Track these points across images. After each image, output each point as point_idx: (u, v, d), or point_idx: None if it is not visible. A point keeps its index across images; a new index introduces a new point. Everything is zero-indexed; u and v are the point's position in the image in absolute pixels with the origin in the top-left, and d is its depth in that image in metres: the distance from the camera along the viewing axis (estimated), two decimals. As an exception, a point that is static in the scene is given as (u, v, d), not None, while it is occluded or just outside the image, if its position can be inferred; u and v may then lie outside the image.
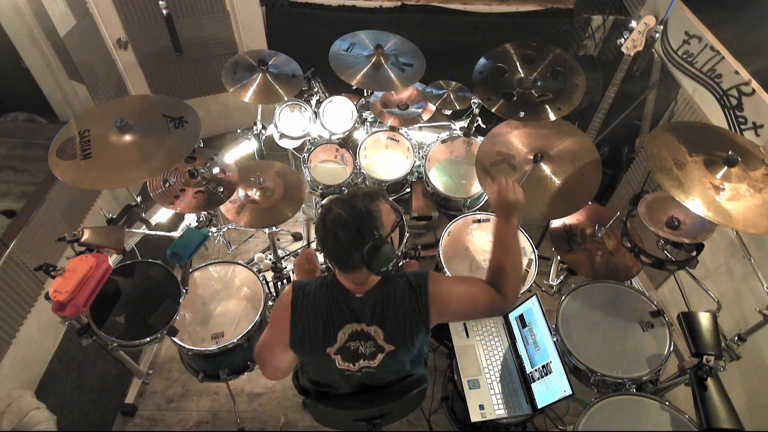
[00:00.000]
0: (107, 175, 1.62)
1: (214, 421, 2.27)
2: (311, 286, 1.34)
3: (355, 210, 1.21)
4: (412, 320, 1.33)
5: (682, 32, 2.33)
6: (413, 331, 1.34)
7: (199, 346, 1.86)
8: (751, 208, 1.48)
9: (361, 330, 1.33)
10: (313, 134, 2.56)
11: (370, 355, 1.36)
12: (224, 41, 2.99)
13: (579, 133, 2.05)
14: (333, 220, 1.22)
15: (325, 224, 1.23)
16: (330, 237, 1.22)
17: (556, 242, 2.09)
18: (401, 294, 1.33)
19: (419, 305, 1.32)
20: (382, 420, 1.56)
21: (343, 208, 1.22)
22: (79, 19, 2.44)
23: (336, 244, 1.22)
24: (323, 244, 1.26)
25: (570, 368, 1.79)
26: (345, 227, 1.20)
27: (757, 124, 1.96)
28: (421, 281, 1.34)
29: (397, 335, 1.34)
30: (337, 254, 1.25)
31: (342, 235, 1.20)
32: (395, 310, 1.32)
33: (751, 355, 1.78)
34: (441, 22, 3.02)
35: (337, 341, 1.33)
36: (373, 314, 1.32)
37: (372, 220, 1.22)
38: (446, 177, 2.55)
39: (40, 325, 2.29)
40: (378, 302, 1.32)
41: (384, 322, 1.32)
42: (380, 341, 1.34)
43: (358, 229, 1.20)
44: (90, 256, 1.61)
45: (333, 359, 1.36)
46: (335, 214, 1.22)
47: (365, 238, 1.20)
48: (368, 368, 1.39)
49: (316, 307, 1.32)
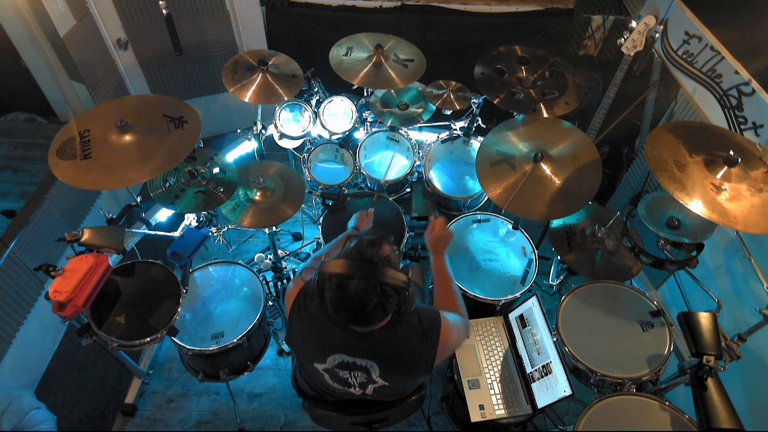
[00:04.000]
0: (107, 175, 1.61)
1: (214, 421, 2.27)
2: (312, 303, 1.27)
3: (370, 270, 1.11)
4: (416, 365, 1.28)
5: (682, 32, 2.33)
6: (415, 375, 1.31)
7: (199, 346, 1.86)
8: (751, 207, 1.48)
9: (353, 362, 1.27)
10: (313, 134, 2.57)
11: (361, 385, 1.33)
12: (224, 41, 2.99)
13: (579, 133, 2.05)
14: (357, 293, 1.11)
15: (346, 296, 1.12)
16: (353, 305, 1.13)
17: (556, 242, 2.09)
18: (410, 338, 1.26)
19: (427, 352, 1.27)
20: (380, 424, 1.57)
21: (362, 276, 1.11)
22: (79, 19, 2.44)
23: (360, 314, 1.14)
24: (344, 314, 1.16)
25: (570, 368, 1.79)
26: (369, 295, 1.11)
27: (757, 124, 1.96)
28: (435, 326, 1.29)
29: (396, 378, 1.30)
30: (356, 322, 1.18)
31: (368, 302, 1.12)
32: (400, 352, 1.26)
33: (751, 355, 1.78)
34: (441, 22, 3.02)
35: (326, 363, 1.30)
36: (372, 352, 1.26)
37: (392, 273, 1.14)
38: (446, 177, 2.55)
39: (40, 325, 2.29)
40: (380, 342, 1.25)
41: (383, 362, 1.27)
42: (374, 376, 1.29)
43: (384, 292, 1.12)
44: (90, 256, 1.61)
45: (321, 374, 1.33)
46: (357, 287, 1.10)
47: (390, 296, 1.13)
48: (363, 394, 1.36)
49: (310, 325, 1.27)
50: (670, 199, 1.55)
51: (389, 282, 1.12)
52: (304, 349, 1.31)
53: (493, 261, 2.24)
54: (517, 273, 2.18)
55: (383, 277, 1.11)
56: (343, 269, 1.12)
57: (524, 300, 1.97)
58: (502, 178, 1.93)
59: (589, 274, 2.01)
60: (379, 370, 1.28)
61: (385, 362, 1.27)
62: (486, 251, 2.27)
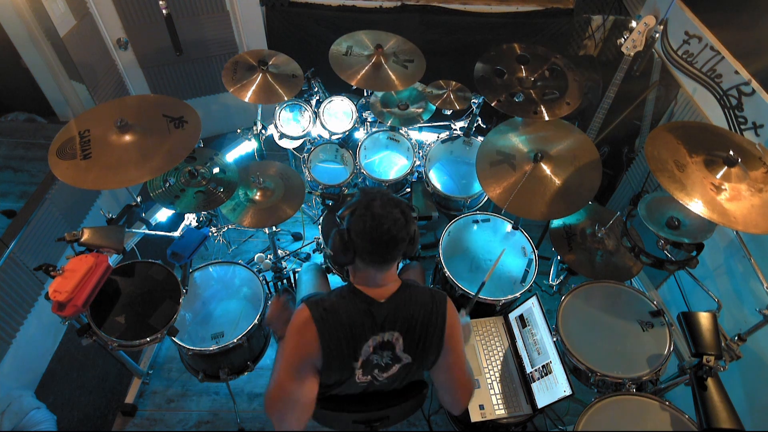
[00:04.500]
0: (107, 175, 1.61)
1: (214, 421, 2.27)
2: (329, 301, 1.28)
3: (393, 201, 1.23)
4: (428, 328, 1.31)
5: (682, 32, 2.33)
6: (429, 341, 1.32)
7: (199, 346, 1.86)
8: (751, 207, 1.48)
9: (383, 340, 1.31)
10: (313, 134, 2.57)
11: (386, 366, 1.35)
12: (224, 41, 2.99)
13: (579, 133, 2.05)
14: (383, 206, 1.21)
15: (374, 224, 1.20)
16: (379, 235, 1.21)
17: (556, 242, 2.09)
18: (422, 299, 1.32)
19: (438, 316, 1.32)
20: (380, 423, 1.57)
21: (386, 204, 1.22)
22: (79, 19, 2.44)
23: (388, 240, 1.22)
24: (369, 245, 1.23)
25: (570, 368, 1.79)
26: (396, 220, 1.21)
27: (757, 124, 1.96)
28: (441, 294, 1.36)
29: (417, 344, 1.32)
30: (385, 251, 1.24)
31: (394, 228, 1.21)
32: (415, 314, 1.30)
33: (751, 355, 1.78)
34: (441, 22, 3.02)
35: (362, 355, 1.31)
36: (395, 318, 1.29)
37: (406, 205, 1.26)
38: (446, 177, 2.55)
39: (40, 325, 2.29)
40: (399, 307, 1.30)
41: (404, 328, 1.30)
42: (398, 350, 1.32)
43: (406, 219, 1.23)
44: (90, 256, 1.61)
45: (355, 374, 1.34)
46: (384, 211, 1.21)
47: (410, 223, 1.24)
48: (381, 379, 1.38)
49: (340, 321, 1.26)
50: (670, 199, 1.55)
51: (401, 201, 1.24)
52: (344, 351, 1.29)
53: (493, 261, 2.25)
54: (517, 273, 2.18)
55: (391, 197, 1.24)
56: (362, 198, 1.24)
57: (524, 300, 1.97)
58: (502, 178, 1.93)
59: (589, 274, 2.01)
60: (403, 341, 1.31)
61: (405, 328, 1.31)
62: (486, 251, 2.27)
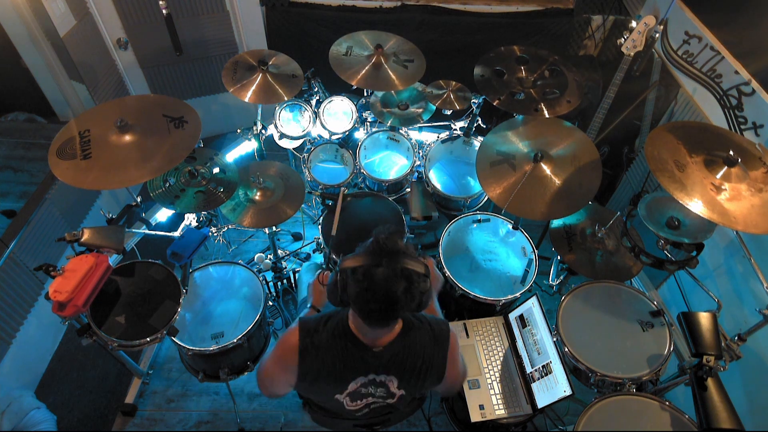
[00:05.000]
0: (107, 175, 1.61)
1: (214, 421, 2.27)
2: (321, 335, 1.26)
3: (398, 270, 1.11)
4: (428, 369, 1.31)
5: (682, 32, 2.33)
6: (427, 380, 1.33)
7: (199, 346, 1.86)
8: (751, 207, 1.48)
9: (373, 380, 1.30)
10: (313, 134, 2.56)
11: (380, 397, 1.36)
12: (224, 41, 2.99)
13: (579, 133, 2.05)
14: (385, 279, 1.10)
15: (374, 285, 1.11)
16: (376, 305, 1.12)
17: (556, 242, 2.09)
18: (422, 343, 1.29)
19: (438, 356, 1.31)
20: (381, 425, 1.57)
21: (389, 275, 1.11)
22: (79, 19, 2.44)
23: (386, 309, 1.13)
24: (364, 310, 1.15)
25: (570, 368, 1.79)
26: (395, 291, 1.11)
27: (757, 124, 1.96)
28: (445, 332, 1.33)
29: (411, 384, 1.32)
30: (380, 317, 1.16)
31: (391, 298, 1.11)
32: (414, 360, 1.29)
33: (751, 355, 1.78)
34: (441, 22, 3.02)
35: (348, 389, 1.31)
36: (389, 366, 1.28)
37: (415, 273, 1.14)
38: (446, 177, 2.56)
39: (40, 325, 2.29)
40: (396, 354, 1.27)
41: (400, 373, 1.30)
42: (393, 389, 1.33)
43: (411, 290, 1.12)
44: (90, 256, 1.61)
45: (341, 402, 1.35)
46: (384, 274, 1.10)
47: (415, 292, 1.13)
48: (375, 404, 1.38)
49: (326, 361, 1.25)
50: (670, 199, 1.55)
51: (412, 268, 1.13)
52: (324, 386, 1.30)
53: (493, 261, 2.25)
54: (517, 273, 2.18)
55: (406, 264, 1.12)
56: (366, 260, 1.13)
57: (524, 300, 1.97)
58: (502, 178, 1.93)
59: (589, 274, 2.01)
60: (397, 381, 1.31)
61: (402, 373, 1.29)
62: (486, 251, 2.27)
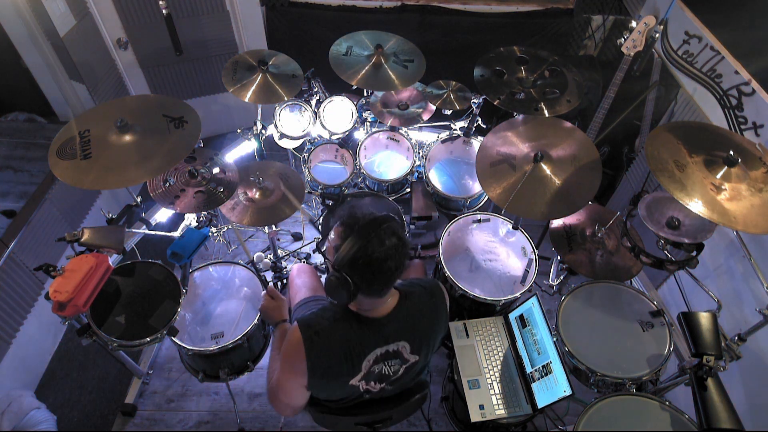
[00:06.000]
0: (107, 175, 1.61)
1: (214, 421, 2.27)
2: (323, 324, 1.28)
3: (388, 230, 1.19)
4: (433, 323, 1.38)
5: (682, 32, 2.33)
6: (436, 335, 1.39)
7: (199, 346, 1.86)
8: (751, 207, 1.48)
9: (386, 351, 1.32)
10: (313, 134, 2.57)
11: (394, 372, 1.37)
12: (224, 41, 2.99)
13: (579, 133, 2.05)
14: (389, 248, 1.17)
15: (379, 256, 1.17)
16: (386, 276, 1.19)
17: (556, 242, 2.09)
18: (421, 302, 1.36)
19: (437, 307, 1.39)
20: (382, 424, 1.57)
21: (382, 240, 1.17)
22: (79, 19, 2.44)
23: (392, 274, 1.20)
24: (375, 286, 1.21)
25: (570, 368, 1.79)
26: (396, 251, 1.19)
27: (757, 124, 1.96)
28: (432, 281, 1.44)
29: (422, 344, 1.37)
30: (389, 281, 1.22)
31: (396, 260, 1.19)
32: (419, 319, 1.35)
33: (751, 355, 1.78)
34: (441, 22, 3.02)
35: (362, 370, 1.32)
36: (399, 331, 1.32)
37: (397, 224, 1.24)
38: (446, 177, 2.55)
39: (40, 325, 2.29)
40: (402, 318, 1.32)
41: (410, 335, 1.34)
42: (406, 355, 1.36)
43: (403, 241, 1.21)
44: (90, 256, 1.61)
45: (357, 386, 1.35)
46: (378, 245, 1.17)
47: (406, 243, 1.22)
48: (389, 385, 1.40)
49: (334, 345, 1.27)
50: (670, 199, 1.55)
51: (390, 222, 1.21)
52: (338, 371, 1.30)
53: (493, 261, 2.25)
54: (517, 273, 2.18)
55: (385, 222, 1.20)
56: (357, 242, 1.17)
57: (524, 300, 1.97)
58: (502, 178, 1.93)
59: (589, 274, 2.00)
60: (409, 346, 1.35)
61: (413, 335, 1.34)
62: (486, 251, 2.27)
